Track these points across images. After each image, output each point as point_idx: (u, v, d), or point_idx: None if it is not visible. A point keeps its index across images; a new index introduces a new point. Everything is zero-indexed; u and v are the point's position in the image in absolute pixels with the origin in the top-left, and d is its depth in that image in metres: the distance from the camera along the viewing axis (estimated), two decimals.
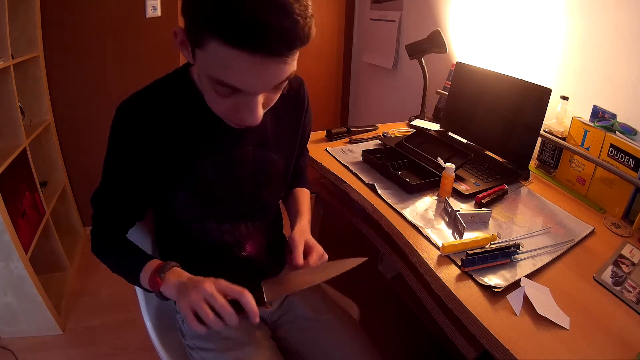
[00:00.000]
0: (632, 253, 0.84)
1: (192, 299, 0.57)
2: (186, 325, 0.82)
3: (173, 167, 0.68)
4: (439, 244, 0.80)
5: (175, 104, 0.66)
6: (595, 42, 1.12)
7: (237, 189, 0.74)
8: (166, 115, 0.65)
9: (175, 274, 0.65)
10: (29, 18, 1.58)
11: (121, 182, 0.69)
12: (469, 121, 1.33)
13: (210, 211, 0.74)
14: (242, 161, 0.72)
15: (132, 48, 1.88)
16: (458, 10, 1.58)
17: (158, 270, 0.65)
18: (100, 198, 0.72)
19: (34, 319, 1.46)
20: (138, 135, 0.64)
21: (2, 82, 1.40)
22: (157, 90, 0.67)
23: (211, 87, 0.54)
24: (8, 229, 1.26)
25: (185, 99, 0.66)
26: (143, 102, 0.65)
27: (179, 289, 0.62)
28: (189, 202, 0.71)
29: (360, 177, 1.08)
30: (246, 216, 0.79)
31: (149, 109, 0.65)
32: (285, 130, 0.78)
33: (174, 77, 0.68)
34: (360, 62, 2.35)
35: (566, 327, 0.63)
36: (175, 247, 0.81)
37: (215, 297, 0.56)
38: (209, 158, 0.69)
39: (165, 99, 0.66)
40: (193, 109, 0.66)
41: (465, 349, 0.72)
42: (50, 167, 1.85)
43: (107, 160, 0.69)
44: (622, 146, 0.97)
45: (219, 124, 0.65)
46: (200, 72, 0.55)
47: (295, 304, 0.87)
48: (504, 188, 1.02)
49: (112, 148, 0.67)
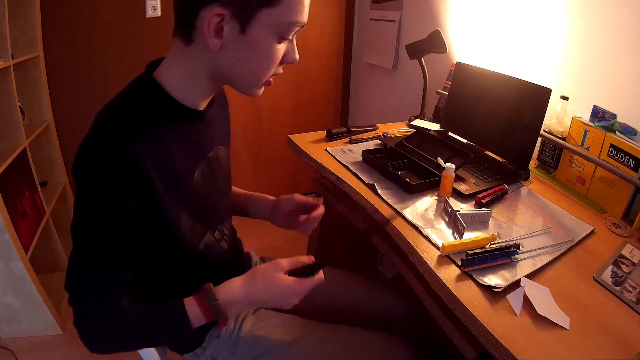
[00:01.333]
0: (632, 253, 0.84)
1: (301, 297, 0.65)
2: (224, 356, 0.77)
3: (173, 190, 0.61)
4: (439, 244, 0.80)
5: (158, 120, 0.59)
6: (595, 42, 1.12)
7: (217, 190, 0.74)
8: (156, 137, 0.58)
9: (225, 292, 0.61)
10: (29, 18, 1.58)
11: (122, 235, 0.56)
12: (469, 121, 1.33)
13: (207, 223, 0.72)
14: (216, 163, 0.73)
15: (132, 48, 1.88)
16: (458, 10, 1.58)
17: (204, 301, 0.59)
18: (89, 268, 0.56)
19: (34, 319, 1.46)
20: (137, 172, 0.54)
21: (2, 82, 1.40)
22: (134, 112, 0.58)
23: (276, 41, 0.58)
24: (8, 229, 1.26)
25: (166, 111, 0.61)
26: (130, 130, 0.55)
27: (258, 303, 0.65)
28: (192, 222, 0.66)
29: (360, 177, 1.08)
30: (225, 216, 0.80)
31: (139, 135, 0.55)
32: (227, 125, 0.82)
33: (144, 91, 0.61)
34: (360, 62, 2.35)
35: (566, 327, 0.63)
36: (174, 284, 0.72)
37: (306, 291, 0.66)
38: (198, 167, 0.68)
39: (147, 118, 0.58)
40: (176, 120, 0.62)
41: (465, 349, 0.72)
42: (50, 167, 1.85)
43: (91, 216, 0.55)
44: (622, 146, 0.97)
45: (200, 130, 0.67)
46: (263, 34, 0.57)
47: None
48: (504, 188, 1.02)
49: (101, 199, 0.54)
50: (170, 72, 0.62)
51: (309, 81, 2.38)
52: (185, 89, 0.62)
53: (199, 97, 0.65)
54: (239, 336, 0.77)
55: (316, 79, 2.40)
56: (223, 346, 0.77)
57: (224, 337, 0.77)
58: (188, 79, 0.61)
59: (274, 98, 2.30)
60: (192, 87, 0.62)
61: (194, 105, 0.65)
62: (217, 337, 0.77)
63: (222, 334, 0.77)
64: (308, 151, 1.22)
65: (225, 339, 0.77)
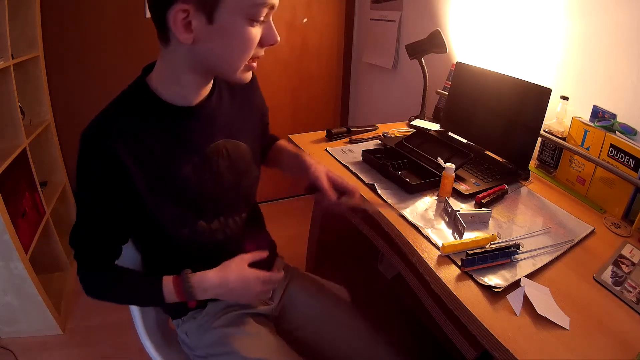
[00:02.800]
0: (632, 253, 0.84)
1: (256, 294, 0.75)
2: (193, 337, 0.82)
3: (156, 184, 0.66)
4: (439, 244, 0.80)
5: (142, 118, 0.65)
6: (595, 42, 1.12)
7: (219, 183, 0.75)
8: (136, 133, 0.64)
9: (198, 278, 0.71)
10: (29, 18, 1.58)
11: (104, 214, 0.66)
12: (469, 121, 1.33)
13: (197, 213, 0.74)
14: (217, 156, 0.74)
15: (132, 48, 1.88)
16: (458, 10, 1.58)
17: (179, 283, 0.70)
18: (82, 236, 0.69)
19: (34, 319, 1.46)
20: (113, 163, 0.61)
21: (2, 82, 1.40)
22: (119, 110, 0.65)
23: (247, 24, 0.58)
24: (8, 229, 1.26)
25: (150, 107, 0.65)
26: (109, 125, 0.63)
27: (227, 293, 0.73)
28: (177, 212, 0.71)
29: (360, 177, 1.08)
30: (231, 209, 0.80)
31: (117, 131, 0.62)
32: (244, 115, 0.81)
33: (132, 91, 0.67)
34: (360, 62, 2.35)
35: (566, 327, 0.63)
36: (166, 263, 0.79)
37: (268, 283, 0.76)
38: (188, 162, 0.70)
39: (130, 115, 0.64)
40: (160, 115, 0.66)
41: (465, 349, 0.72)
42: (50, 167, 1.85)
43: (81, 196, 0.66)
44: (622, 146, 0.97)
45: (188, 125, 0.69)
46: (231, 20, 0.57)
47: (295, 296, 0.92)
48: (504, 188, 1.02)
49: (86, 183, 0.64)
50: (158, 73, 0.66)
51: (309, 81, 2.38)
52: (170, 87, 0.66)
53: (186, 93, 0.67)
54: (210, 326, 0.80)
55: (316, 79, 2.40)
56: (196, 328, 0.82)
57: (199, 321, 0.82)
58: (172, 77, 0.65)
59: (274, 98, 2.30)
60: (177, 84, 0.65)
61: (184, 101, 0.67)
62: (194, 319, 0.82)
63: (198, 316, 0.82)
64: (308, 151, 1.22)
65: (199, 323, 0.81)
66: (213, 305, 0.82)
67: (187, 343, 0.83)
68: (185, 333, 0.83)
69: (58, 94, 1.82)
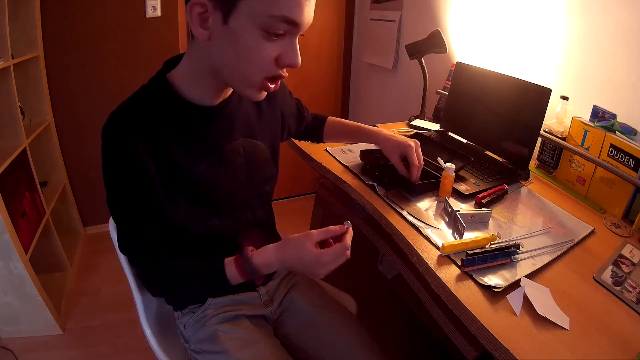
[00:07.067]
0: (632, 253, 0.84)
1: (320, 274, 0.67)
2: (189, 331, 0.82)
3: (172, 183, 0.67)
4: (439, 244, 0.80)
5: (161, 114, 0.65)
6: (595, 42, 1.12)
7: (233, 181, 0.75)
8: (156, 132, 0.64)
9: (259, 256, 0.68)
10: (29, 18, 1.59)
11: (140, 208, 0.66)
12: (469, 121, 1.33)
13: (212, 211, 0.74)
14: (234, 154, 0.74)
15: (132, 48, 1.88)
16: (458, 10, 1.58)
17: (241, 262, 0.67)
18: (128, 237, 0.69)
19: (34, 319, 1.46)
20: (135, 161, 0.62)
21: (2, 82, 1.41)
22: (139, 104, 0.64)
23: (260, 36, 0.56)
24: (8, 229, 1.26)
25: (170, 105, 0.65)
26: (130, 123, 0.62)
27: (299, 266, 0.67)
28: (192, 210, 0.71)
29: (360, 177, 1.08)
30: (245, 206, 0.80)
31: (139, 129, 0.62)
32: (265, 115, 0.81)
33: (153, 87, 0.66)
34: (360, 62, 2.35)
35: (566, 327, 0.63)
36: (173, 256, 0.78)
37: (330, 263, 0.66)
38: (205, 160, 0.70)
39: (150, 110, 0.64)
40: (180, 114, 0.66)
41: (465, 349, 0.72)
42: (50, 167, 1.85)
43: (118, 196, 0.65)
44: (622, 146, 0.97)
45: (208, 124, 0.68)
46: (245, 26, 0.55)
47: (295, 301, 0.90)
48: (504, 188, 1.02)
49: (116, 183, 0.64)
50: (182, 69, 0.66)
51: (309, 81, 2.38)
52: (190, 84, 0.65)
53: (206, 92, 0.67)
54: (205, 323, 0.80)
55: (316, 79, 2.40)
56: (193, 323, 0.81)
57: (197, 315, 0.81)
58: (192, 74, 0.65)
59: None
60: (197, 83, 0.65)
61: (203, 100, 0.67)
62: (193, 313, 0.82)
63: (197, 311, 0.82)
64: (308, 151, 1.22)
65: (197, 318, 0.81)
66: (213, 302, 0.82)
67: (184, 336, 0.83)
68: (184, 326, 0.83)
69: (58, 94, 1.82)
